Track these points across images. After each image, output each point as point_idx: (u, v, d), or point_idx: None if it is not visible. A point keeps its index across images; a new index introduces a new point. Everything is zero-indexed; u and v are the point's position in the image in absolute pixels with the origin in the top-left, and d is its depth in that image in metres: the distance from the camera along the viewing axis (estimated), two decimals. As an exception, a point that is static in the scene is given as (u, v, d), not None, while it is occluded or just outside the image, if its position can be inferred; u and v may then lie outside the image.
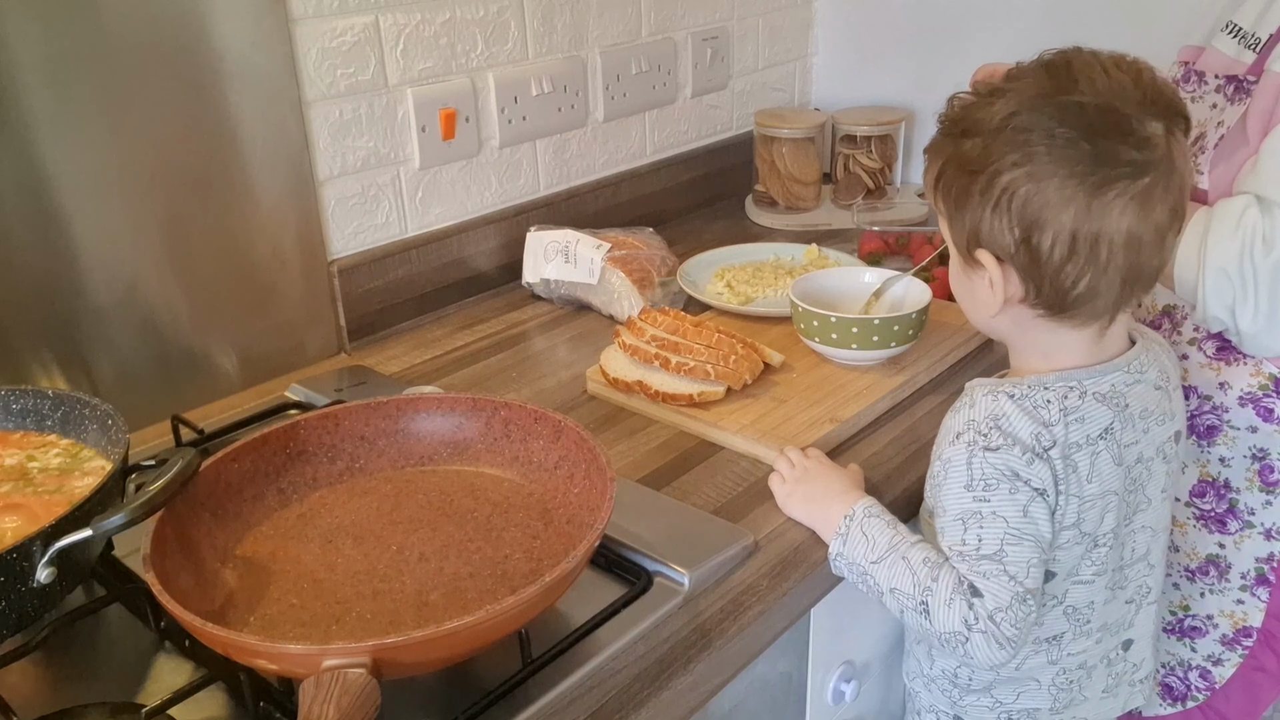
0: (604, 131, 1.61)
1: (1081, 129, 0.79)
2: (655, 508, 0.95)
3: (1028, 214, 0.82)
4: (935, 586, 0.84)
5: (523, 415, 0.92)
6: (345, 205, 1.30)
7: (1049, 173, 0.80)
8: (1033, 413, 0.85)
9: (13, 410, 0.91)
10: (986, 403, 0.87)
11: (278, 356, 1.25)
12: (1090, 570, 0.91)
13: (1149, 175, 0.80)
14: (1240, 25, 1.11)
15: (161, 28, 1.07)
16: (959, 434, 0.87)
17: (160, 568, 0.72)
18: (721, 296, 1.36)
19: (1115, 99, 0.80)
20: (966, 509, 0.85)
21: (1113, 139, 0.79)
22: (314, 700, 0.62)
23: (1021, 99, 0.82)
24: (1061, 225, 0.81)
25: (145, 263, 1.11)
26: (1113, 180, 0.79)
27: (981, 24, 1.72)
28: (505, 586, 0.79)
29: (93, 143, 1.04)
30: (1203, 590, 1.18)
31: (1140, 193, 0.80)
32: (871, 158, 1.77)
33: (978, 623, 0.82)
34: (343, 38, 1.24)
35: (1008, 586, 0.82)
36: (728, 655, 0.82)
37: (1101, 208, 0.80)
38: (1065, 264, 0.82)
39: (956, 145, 0.86)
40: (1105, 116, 0.80)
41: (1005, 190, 0.82)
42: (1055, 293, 0.85)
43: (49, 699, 0.77)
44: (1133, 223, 0.81)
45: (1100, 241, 0.81)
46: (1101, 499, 0.88)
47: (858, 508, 0.90)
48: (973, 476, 0.85)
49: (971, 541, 0.84)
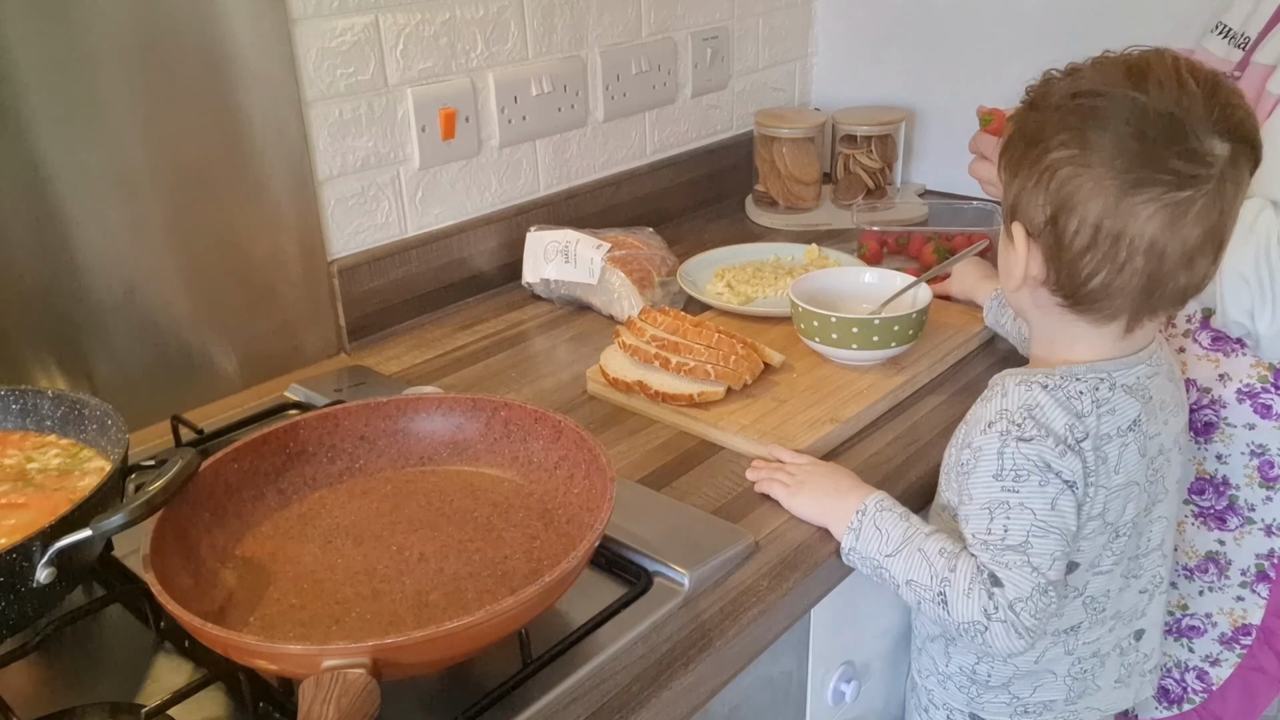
0: (604, 131, 1.61)
1: (1135, 127, 0.79)
2: (655, 508, 0.95)
3: (1061, 195, 0.82)
4: (953, 577, 0.84)
5: (523, 415, 0.91)
6: (345, 205, 1.30)
7: (1092, 160, 0.80)
8: (1066, 404, 0.85)
9: (12, 410, 0.90)
10: (1019, 392, 0.87)
11: (277, 356, 1.25)
12: (1109, 560, 0.92)
13: (1189, 190, 0.79)
14: (1230, 25, 1.12)
15: (161, 28, 1.07)
16: (991, 423, 0.86)
17: (160, 568, 0.72)
18: (721, 296, 1.36)
19: (1179, 108, 0.79)
20: (994, 498, 0.85)
21: (1163, 145, 0.79)
22: (314, 700, 0.62)
23: (1091, 83, 0.82)
24: (1088, 213, 0.81)
25: (145, 263, 1.11)
26: (1149, 183, 0.79)
27: (982, 24, 1.73)
28: (505, 587, 0.79)
29: (93, 143, 1.04)
30: (1201, 588, 1.18)
31: (1175, 204, 0.79)
32: (871, 158, 1.77)
33: (997, 612, 0.82)
34: (343, 38, 1.24)
35: (1030, 578, 0.82)
36: (728, 655, 0.82)
37: (1130, 207, 0.80)
38: (1084, 254, 0.83)
39: (1025, 116, 0.87)
40: (1163, 121, 0.79)
41: (1049, 167, 0.83)
42: (1071, 282, 0.85)
43: (49, 699, 0.77)
44: (1158, 231, 0.80)
45: (1121, 240, 0.81)
46: (1125, 489, 0.88)
47: (869, 502, 0.90)
48: (1003, 466, 0.85)
49: (997, 531, 0.84)
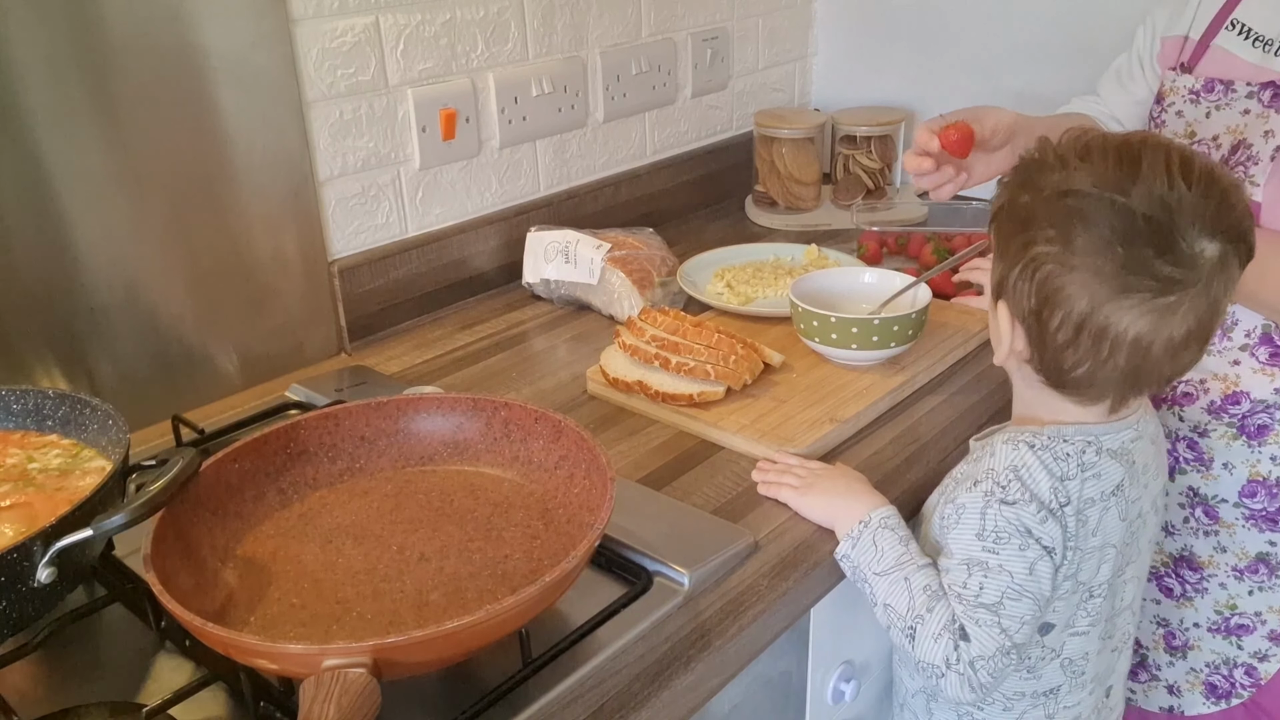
0: (604, 132, 1.61)
1: (1121, 233, 0.79)
2: (655, 508, 0.95)
3: (1045, 290, 0.83)
4: (928, 617, 0.85)
5: (523, 415, 0.92)
6: (345, 205, 1.30)
7: (1076, 262, 0.80)
8: (1052, 466, 0.85)
9: (13, 410, 0.91)
10: (1006, 451, 0.87)
11: (278, 356, 1.25)
12: (1085, 621, 0.92)
13: (1175, 294, 0.79)
14: (1250, 26, 1.09)
15: (162, 28, 1.07)
16: (977, 482, 0.87)
17: (160, 568, 0.72)
18: (721, 296, 1.36)
19: (1168, 209, 0.78)
20: (974, 557, 0.85)
21: (1149, 250, 0.78)
22: (314, 700, 0.62)
23: (1081, 179, 0.81)
24: (1071, 311, 0.81)
25: (146, 263, 1.11)
26: (1134, 289, 0.79)
27: (982, 24, 1.73)
28: (505, 586, 0.79)
29: (93, 143, 1.05)
30: (1251, 588, 1.18)
31: (1161, 307, 0.79)
32: (871, 158, 1.77)
33: (958, 664, 0.84)
34: (343, 38, 1.24)
35: (996, 638, 0.84)
36: (728, 655, 0.82)
37: (1115, 310, 0.80)
38: (1066, 348, 0.83)
39: (1015, 194, 0.86)
40: (1150, 227, 0.78)
41: (1035, 259, 0.83)
42: (1055, 369, 0.86)
43: (49, 699, 0.77)
44: (1144, 330, 0.80)
45: (1104, 338, 0.81)
46: (1100, 550, 0.89)
47: (874, 515, 0.91)
48: (985, 526, 0.85)
49: (973, 588, 0.85)
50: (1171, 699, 1.26)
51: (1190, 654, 1.23)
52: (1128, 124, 1.27)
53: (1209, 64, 1.12)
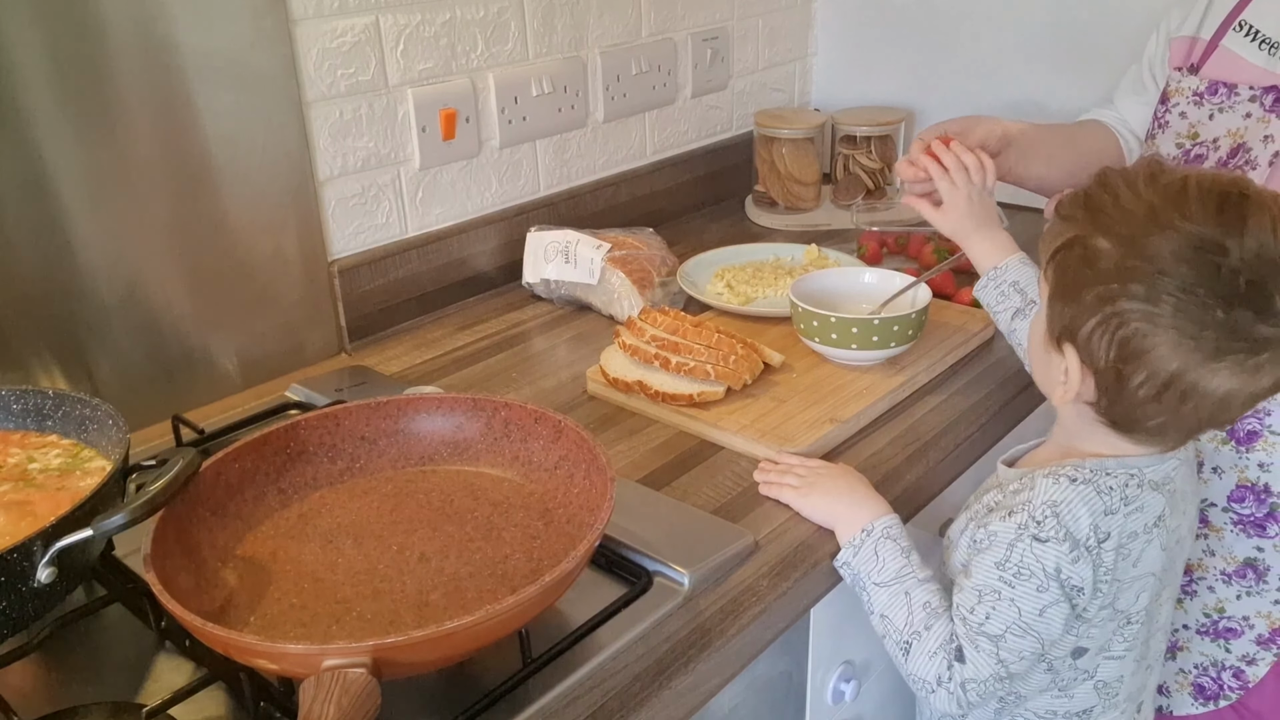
0: (604, 132, 1.61)
1: (1223, 297, 0.74)
2: (655, 508, 0.95)
3: (1130, 347, 0.77)
4: (925, 635, 0.85)
5: (523, 415, 0.92)
6: (345, 205, 1.30)
7: (1169, 324, 0.75)
8: (1094, 501, 0.83)
9: (13, 410, 0.91)
10: (1046, 485, 0.84)
11: (278, 357, 1.25)
12: (1121, 646, 0.90)
13: (1268, 351, 0.75)
14: (1257, 28, 1.09)
15: (162, 28, 1.07)
16: (1011, 512, 0.85)
17: (161, 567, 0.72)
18: (721, 297, 1.36)
19: (1268, 267, 0.74)
20: (989, 584, 0.84)
21: (1250, 312, 0.74)
22: (314, 700, 0.62)
23: (1179, 239, 0.75)
24: (1158, 370, 0.77)
25: (146, 263, 1.11)
26: (1230, 352, 0.75)
27: (982, 24, 1.73)
28: (505, 586, 0.79)
29: (94, 143, 1.05)
30: (1239, 593, 1.18)
31: (1252, 366, 0.76)
32: (871, 158, 1.77)
33: (950, 683, 0.85)
34: (343, 38, 1.24)
35: (992, 667, 0.84)
36: (728, 655, 0.82)
37: (1208, 373, 0.76)
38: (1148, 403, 0.80)
39: (1091, 234, 0.79)
40: (1252, 289, 0.74)
41: (1118, 314, 0.77)
42: (1126, 418, 0.83)
43: (49, 699, 0.77)
44: (1235, 388, 0.77)
45: (1191, 396, 0.78)
46: (1140, 580, 0.87)
47: (877, 524, 0.90)
48: (1008, 558, 0.83)
49: (980, 614, 0.84)
50: (1160, 699, 1.26)
51: (1180, 655, 1.24)
52: (1142, 133, 1.27)
53: (1215, 65, 1.12)
